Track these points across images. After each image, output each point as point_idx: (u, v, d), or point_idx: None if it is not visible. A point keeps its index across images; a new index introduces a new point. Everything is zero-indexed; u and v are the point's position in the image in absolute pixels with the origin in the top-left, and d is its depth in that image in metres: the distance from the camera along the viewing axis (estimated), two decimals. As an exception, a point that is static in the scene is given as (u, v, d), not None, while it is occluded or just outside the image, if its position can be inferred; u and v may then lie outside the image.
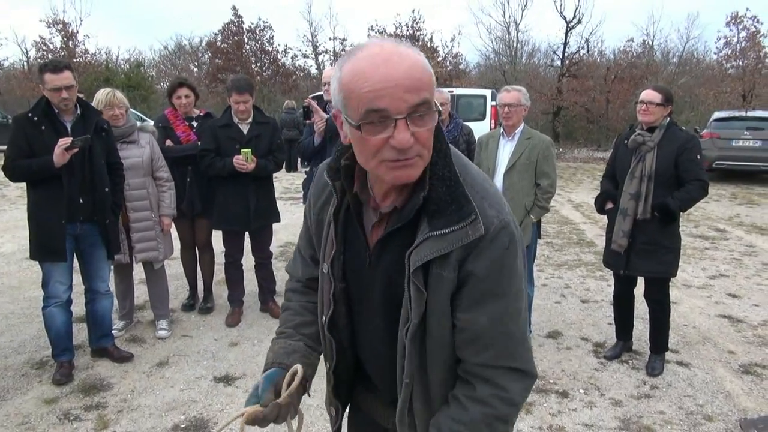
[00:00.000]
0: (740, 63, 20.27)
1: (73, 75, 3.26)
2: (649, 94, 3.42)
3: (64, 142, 3.09)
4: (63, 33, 23.47)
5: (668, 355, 3.74)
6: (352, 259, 1.20)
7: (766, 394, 3.35)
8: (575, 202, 10.36)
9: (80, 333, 3.94)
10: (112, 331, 3.80)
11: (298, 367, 1.21)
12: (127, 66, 27.63)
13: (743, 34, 19.98)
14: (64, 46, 23.37)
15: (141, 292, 4.65)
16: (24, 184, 3.37)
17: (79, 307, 3.84)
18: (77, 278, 3.57)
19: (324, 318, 1.25)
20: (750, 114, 13.63)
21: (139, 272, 4.34)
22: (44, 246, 3.26)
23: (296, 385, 1.19)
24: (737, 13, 20.16)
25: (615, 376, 3.57)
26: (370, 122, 0.96)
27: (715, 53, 22.70)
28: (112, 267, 3.80)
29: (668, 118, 3.46)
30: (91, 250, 3.47)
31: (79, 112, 3.34)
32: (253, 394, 1.20)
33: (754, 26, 19.87)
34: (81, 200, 3.28)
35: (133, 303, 4.31)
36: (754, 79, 19.08)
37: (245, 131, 4.18)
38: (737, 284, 5.46)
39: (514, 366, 1.10)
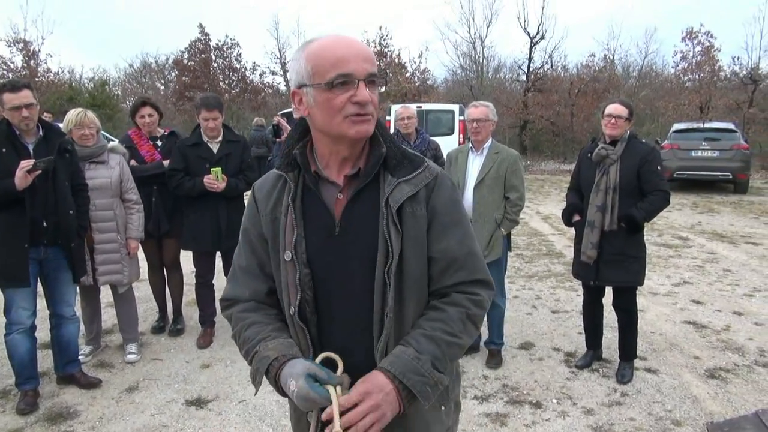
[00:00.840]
0: (696, 76, 21.05)
1: (33, 94, 3.20)
2: (617, 109, 3.52)
3: (26, 164, 3.02)
4: (24, 52, 22.96)
5: (637, 362, 3.82)
6: (314, 237, 1.30)
7: (731, 397, 3.45)
8: (544, 213, 10.55)
9: (45, 360, 3.82)
10: (79, 357, 3.70)
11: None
12: (92, 85, 27.15)
13: (698, 48, 20.80)
14: (25, 65, 22.85)
15: (109, 316, 4.55)
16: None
17: (43, 333, 3.73)
18: (41, 303, 3.47)
19: (293, 308, 1.29)
20: (707, 125, 14.14)
21: (106, 295, 4.25)
22: (6, 271, 3.16)
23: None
24: (692, 28, 21.01)
25: (586, 384, 3.63)
26: (340, 83, 1.18)
27: (672, 67, 23.57)
28: (78, 290, 3.71)
29: (629, 131, 3.58)
30: (56, 274, 3.38)
31: (41, 133, 3.27)
32: (313, 386, 1.17)
33: (708, 41, 20.72)
34: (45, 223, 3.21)
35: (100, 327, 4.20)
36: (710, 91, 19.81)
37: (215, 150, 4.15)
38: (700, 291, 5.62)
39: (479, 278, 1.33)
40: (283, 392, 1.24)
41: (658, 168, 3.51)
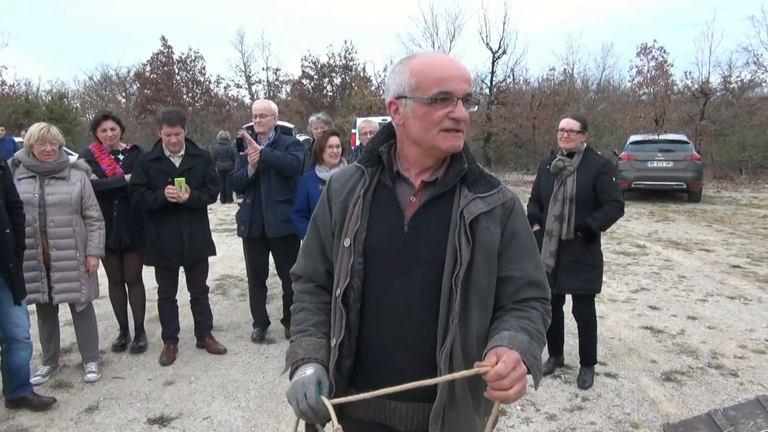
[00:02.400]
0: (651, 90, 21.79)
1: None
2: (569, 123, 3.66)
3: None
4: (-23, 64, 22.26)
5: (597, 368, 3.93)
6: (380, 230, 1.38)
7: (686, 399, 3.58)
8: (508, 224, 10.73)
9: (-1, 381, 3.69)
10: (36, 377, 3.58)
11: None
12: (49, 98, 26.46)
13: (652, 63, 21.55)
14: (-22, 77, 22.16)
15: (68, 334, 4.43)
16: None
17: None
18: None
19: (339, 291, 1.38)
20: (662, 137, 14.66)
21: (65, 313, 4.14)
22: None
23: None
24: (646, 44, 21.75)
25: (549, 391, 3.71)
26: (441, 99, 1.28)
27: (629, 81, 24.33)
28: (34, 310, 3.60)
29: (584, 144, 3.71)
30: None
31: None
32: (316, 390, 1.29)
33: (662, 56, 21.48)
34: None
35: (58, 346, 4.08)
36: (664, 104, 20.52)
37: (177, 164, 4.11)
38: (657, 297, 5.82)
39: (548, 297, 1.45)
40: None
41: (613, 179, 3.65)
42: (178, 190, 3.94)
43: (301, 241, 1.58)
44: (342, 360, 1.38)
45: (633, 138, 14.72)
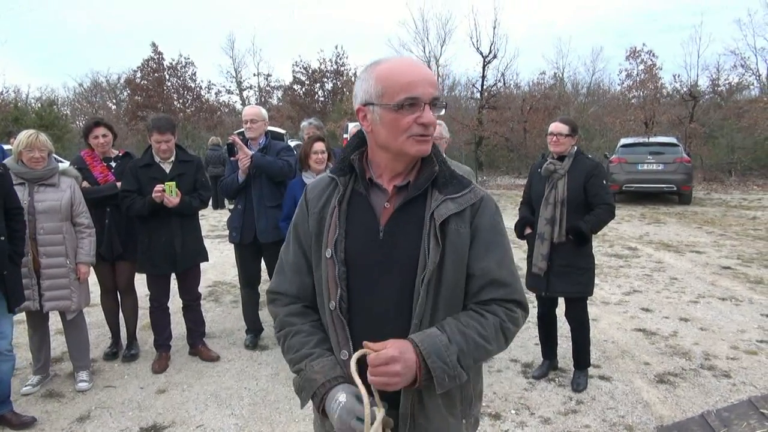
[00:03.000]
0: (641, 93, 21.98)
1: None
2: (557, 127, 3.68)
3: None
4: (-35, 72, 22.10)
5: (591, 370, 3.94)
6: (356, 240, 1.38)
7: (679, 401, 3.59)
8: (500, 228, 10.76)
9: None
10: (25, 388, 3.53)
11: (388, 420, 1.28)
12: (39, 105, 26.30)
13: (642, 67, 21.74)
14: (-34, 85, 21.99)
15: (58, 343, 4.39)
16: None
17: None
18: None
19: (333, 303, 1.37)
20: (652, 140, 14.77)
21: (55, 321, 4.10)
22: None
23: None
24: (635, 48, 21.96)
25: (543, 394, 3.71)
26: (408, 105, 1.28)
27: (618, 84, 24.55)
28: (23, 318, 3.56)
29: (575, 147, 3.73)
30: None
31: None
32: (356, 424, 1.24)
33: (651, 60, 21.69)
34: None
35: (49, 355, 4.03)
36: (654, 107, 20.70)
37: (168, 170, 4.10)
38: (649, 299, 5.84)
39: (516, 298, 1.40)
40: (325, 412, 1.32)
41: (604, 182, 3.67)
42: (167, 194, 3.92)
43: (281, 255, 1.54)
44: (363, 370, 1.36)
45: (623, 141, 14.82)
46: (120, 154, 4.41)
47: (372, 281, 1.36)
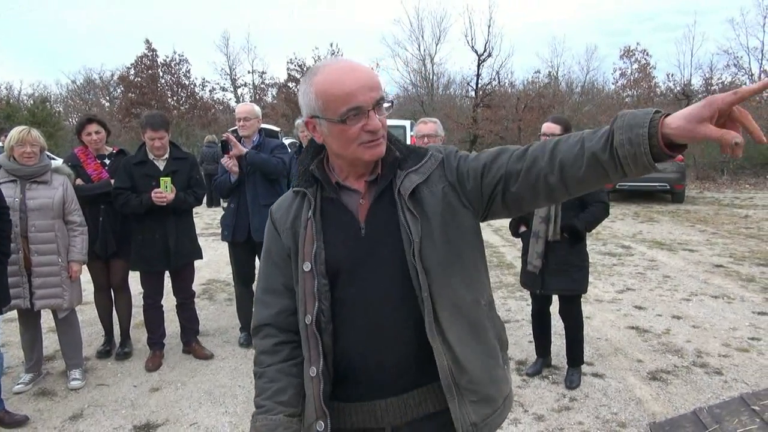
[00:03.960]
0: (635, 92, 22.10)
1: None
2: (549, 127, 3.68)
3: None
4: (-44, 68, 21.93)
5: (584, 368, 3.95)
6: (337, 247, 1.35)
7: (671, 398, 3.61)
8: (494, 226, 10.78)
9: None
10: (17, 386, 3.51)
11: None
12: (31, 101, 26.13)
13: (635, 66, 21.87)
14: (-43, 81, 21.84)
15: (51, 341, 4.37)
16: None
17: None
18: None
19: (310, 317, 1.34)
20: (646, 138, 14.79)
21: (48, 319, 4.08)
22: None
23: None
24: (629, 47, 22.10)
25: (537, 391, 3.73)
26: (353, 115, 1.25)
27: (613, 83, 24.66)
28: (15, 317, 3.54)
29: (570, 146, 3.73)
30: None
31: None
32: None
33: (645, 59, 21.83)
34: None
35: (41, 353, 4.01)
36: (648, 106, 20.79)
37: (161, 167, 4.08)
38: (642, 297, 5.87)
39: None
40: None
41: (598, 180, 3.67)
42: (165, 192, 3.91)
43: (255, 289, 1.51)
44: (324, 386, 1.34)
45: (617, 140, 14.83)
46: (113, 152, 4.39)
47: (361, 281, 1.33)
